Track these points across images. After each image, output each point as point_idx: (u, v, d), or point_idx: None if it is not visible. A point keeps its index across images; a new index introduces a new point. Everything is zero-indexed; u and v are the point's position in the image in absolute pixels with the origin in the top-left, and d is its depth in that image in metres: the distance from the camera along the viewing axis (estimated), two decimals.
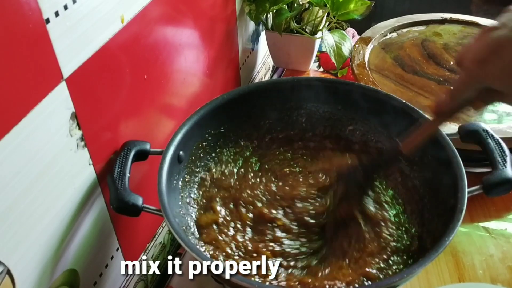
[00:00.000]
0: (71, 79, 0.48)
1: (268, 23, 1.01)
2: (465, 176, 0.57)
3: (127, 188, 0.56)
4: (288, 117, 0.74)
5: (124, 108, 0.59)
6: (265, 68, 1.18)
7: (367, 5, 0.92)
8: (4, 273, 0.44)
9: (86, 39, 0.50)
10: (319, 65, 1.15)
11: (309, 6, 1.00)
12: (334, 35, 0.96)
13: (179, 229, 0.53)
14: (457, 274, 0.70)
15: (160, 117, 0.70)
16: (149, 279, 0.75)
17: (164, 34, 0.66)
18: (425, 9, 1.06)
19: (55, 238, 0.51)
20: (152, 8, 0.60)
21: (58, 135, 0.49)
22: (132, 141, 0.61)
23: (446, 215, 0.54)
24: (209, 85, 0.83)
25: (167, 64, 0.68)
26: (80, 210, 0.55)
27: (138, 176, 0.65)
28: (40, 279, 0.50)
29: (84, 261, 0.57)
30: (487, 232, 0.76)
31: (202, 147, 0.69)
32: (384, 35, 1.00)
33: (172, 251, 0.82)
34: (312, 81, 0.74)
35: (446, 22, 1.04)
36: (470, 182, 0.56)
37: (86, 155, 0.54)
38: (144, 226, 0.71)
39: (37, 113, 0.44)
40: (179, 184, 0.64)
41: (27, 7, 0.41)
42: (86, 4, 0.48)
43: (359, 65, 0.91)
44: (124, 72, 0.58)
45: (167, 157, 0.60)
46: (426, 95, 0.85)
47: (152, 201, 0.56)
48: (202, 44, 0.78)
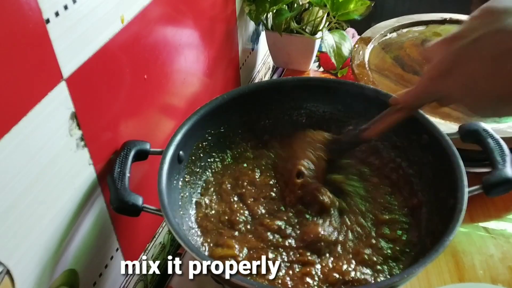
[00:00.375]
0: (71, 79, 0.48)
1: (268, 23, 1.01)
2: (465, 176, 0.57)
3: (127, 188, 0.56)
4: (288, 117, 0.74)
5: (124, 108, 0.59)
6: (265, 68, 1.18)
7: (367, 5, 0.92)
8: (4, 273, 0.44)
9: (86, 39, 0.50)
10: (319, 65, 1.15)
11: (309, 6, 1.00)
12: (334, 35, 0.96)
13: (179, 229, 0.53)
14: (457, 274, 0.70)
15: (160, 117, 0.70)
16: (149, 279, 0.75)
17: (164, 34, 0.66)
18: (425, 9, 1.06)
19: (55, 238, 0.51)
20: (152, 8, 0.60)
21: (58, 135, 0.48)
22: (132, 141, 0.61)
23: (446, 215, 0.54)
24: (209, 85, 0.84)
25: (167, 64, 0.68)
26: (80, 210, 0.55)
27: (138, 176, 0.65)
28: (39, 279, 0.50)
29: (84, 261, 0.57)
30: (487, 232, 0.76)
31: (202, 147, 0.69)
32: (384, 35, 1.00)
33: (172, 251, 0.82)
34: (312, 81, 0.74)
35: (446, 22, 1.04)
36: (470, 182, 0.56)
37: (86, 155, 0.54)
38: (144, 226, 0.71)
39: (37, 113, 0.44)
40: (179, 184, 0.64)
41: (27, 7, 0.41)
42: (86, 4, 0.48)
43: (359, 65, 0.91)
44: (124, 72, 0.58)
45: (167, 157, 0.60)
46: None
47: (152, 201, 0.56)
48: (202, 44, 0.78)
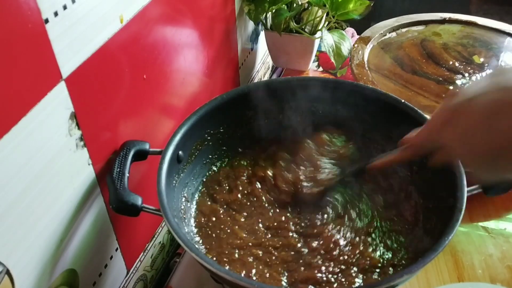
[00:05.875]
0: (70, 79, 0.48)
1: (268, 23, 1.01)
2: (464, 175, 0.57)
3: (126, 188, 0.56)
4: (287, 117, 0.74)
5: (123, 108, 0.59)
6: (265, 68, 1.18)
7: (366, 5, 0.92)
8: (4, 273, 0.44)
9: (85, 39, 0.50)
10: (318, 65, 1.15)
11: (308, 6, 1.00)
12: (333, 35, 0.96)
13: (179, 229, 0.53)
14: (456, 273, 0.70)
15: (159, 117, 0.70)
16: (149, 279, 0.75)
17: (163, 34, 0.66)
18: (425, 9, 1.06)
19: (54, 238, 0.51)
20: (151, 8, 0.60)
21: (57, 135, 0.48)
22: (132, 141, 0.61)
23: (445, 215, 0.54)
24: (208, 85, 0.84)
25: (166, 64, 0.68)
26: (79, 210, 0.55)
27: (138, 176, 0.65)
28: (39, 279, 0.50)
29: (84, 261, 0.57)
30: (486, 232, 0.76)
31: (201, 147, 0.69)
32: (383, 35, 1.00)
33: (171, 251, 0.82)
34: (311, 81, 0.74)
35: (445, 22, 1.04)
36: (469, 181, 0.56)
37: (85, 155, 0.54)
38: (144, 226, 0.71)
39: (36, 113, 0.44)
40: (178, 184, 0.64)
41: (26, 7, 0.41)
42: (85, 4, 0.48)
43: (358, 65, 0.91)
44: (123, 72, 0.58)
45: (166, 157, 0.60)
46: (426, 94, 0.85)
47: (152, 201, 0.56)
48: (201, 44, 0.78)
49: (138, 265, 0.71)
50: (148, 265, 0.74)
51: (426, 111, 0.66)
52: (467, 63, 0.92)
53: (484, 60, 0.93)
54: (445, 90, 0.86)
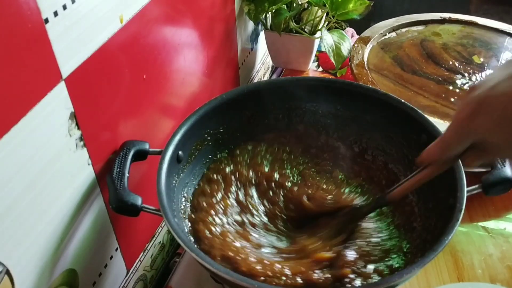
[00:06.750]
0: (70, 79, 0.48)
1: (267, 22, 1.01)
2: (464, 175, 0.57)
3: (126, 188, 0.56)
4: (287, 117, 0.74)
5: (123, 108, 0.59)
6: (264, 68, 1.18)
7: (366, 4, 0.92)
8: (3, 273, 0.44)
9: (85, 39, 0.50)
10: (318, 65, 1.15)
11: (308, 5, 1.00)
12: (333, 35, 0.96)
13: (178, 229, 0.53)
14: (456, 273, 0.70)
15: (159, 117, 0.70)
16: (149, 278, 0.75)
17: (163, 34, 0.66)
18: (424, 9, 1.07)
19: (54, 238, 0.51)
20: (151, 8, 0.60)
21: (57, 135, 0.49)
22: (131, 141, 0.61)
23: (445, 215, 0.54)
24: (208, 85, 0.84)
25: (166, 64, 0.68)
26: (79, 210, 0.55)
27: (137, 176, 0.65)
28: (39, 279, 0.50)
29: (83, 261, 0.57)
30: (486, 232, 0.76)
31: (201, 147, 0.69)
32: (383, 35, 1.00)
33: (171, 251, 0.82)
34: (311, 81, 0.74)
35: (445, 22, 1.04)
36: (469, 181, 0.56)
37: (85, 155, 0.54)
38: (143, 226, 0.71)
39: (36, 113, 0.44)
40: (178, 184, 0.64)
41: (26, 7, 0.41)
42: (85, 4, 0.48)
43: (358, 65, 0.91)
44: (123, 72, 0.58)
45: (166, 157, 0.60)
46: (425, 94, 0.85)
47: (151, 201, 0.56)
48: (201, 44, 0.78)
49: (138, 265, 0.71)
50: (148, 265, 0.74)
51: (426, 111, 0.66)
52: (467, 63, 0.92)
53: (484, 60, 0.93)
54: (445, 90, 0.86)
